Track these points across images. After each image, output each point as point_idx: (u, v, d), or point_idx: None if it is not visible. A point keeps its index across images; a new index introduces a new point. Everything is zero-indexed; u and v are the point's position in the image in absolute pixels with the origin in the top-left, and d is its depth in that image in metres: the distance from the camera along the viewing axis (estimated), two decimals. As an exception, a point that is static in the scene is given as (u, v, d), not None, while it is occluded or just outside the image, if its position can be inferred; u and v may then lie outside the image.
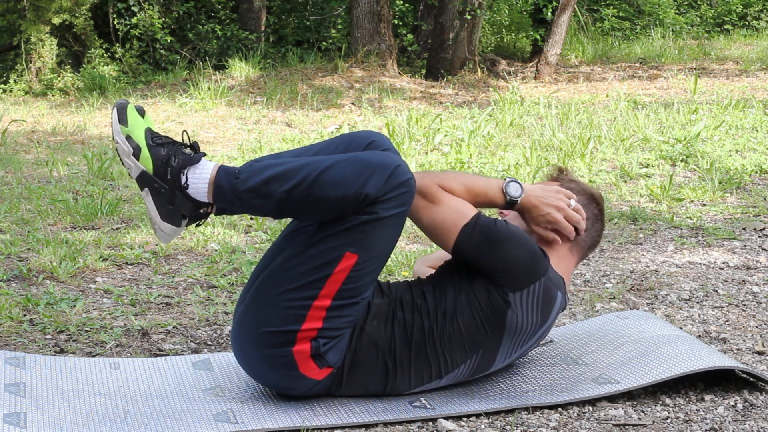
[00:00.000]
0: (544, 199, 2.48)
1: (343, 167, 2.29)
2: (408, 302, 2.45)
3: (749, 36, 14.34)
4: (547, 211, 2.47)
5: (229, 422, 2.30)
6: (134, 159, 2.33)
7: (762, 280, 3.70)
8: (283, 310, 2.33)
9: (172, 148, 2.36)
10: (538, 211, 2.47)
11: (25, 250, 3.98)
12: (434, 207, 2.39)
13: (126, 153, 2.34)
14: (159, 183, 2.34)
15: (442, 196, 2.40)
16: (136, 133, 2.34)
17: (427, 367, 2.44)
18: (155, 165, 2.34)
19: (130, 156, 2.34)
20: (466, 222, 2.38)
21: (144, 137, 2.34)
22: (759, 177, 5.64)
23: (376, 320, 2.42)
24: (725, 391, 2.57)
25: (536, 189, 2.50)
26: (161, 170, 2.34)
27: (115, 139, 2.35)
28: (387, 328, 2.42)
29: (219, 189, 2.34)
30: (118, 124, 2.34)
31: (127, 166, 2.36)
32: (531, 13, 12.85)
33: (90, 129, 8.15)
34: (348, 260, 2.31)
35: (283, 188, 2.30)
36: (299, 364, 2.35)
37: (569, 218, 2.50)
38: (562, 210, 2.48)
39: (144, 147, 2.34)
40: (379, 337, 2.41)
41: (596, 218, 2.61)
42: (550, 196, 2.49)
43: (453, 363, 2.45)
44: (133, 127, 2.34)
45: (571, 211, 2.51)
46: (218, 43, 12.34)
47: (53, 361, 2.66)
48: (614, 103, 8.40)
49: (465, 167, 5.90)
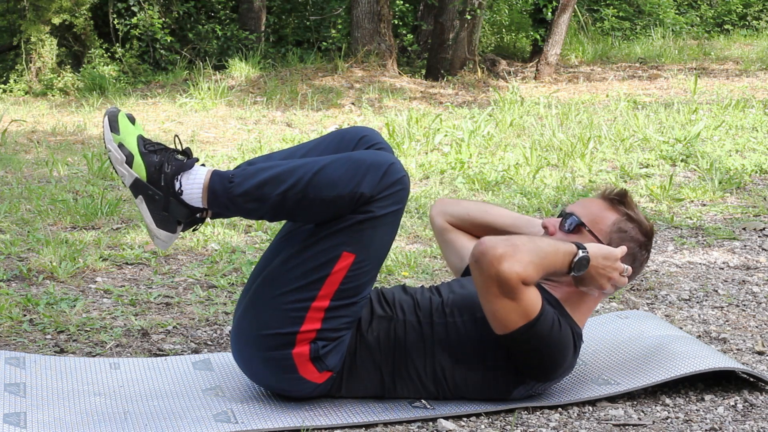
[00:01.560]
0: (602, 270, 2.37)
1: (337, 167, 2.29)
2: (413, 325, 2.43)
3: (749, 36, 14.34)
4: (602, 282, 2.39)
5: (229, 422, 2.30)
6: (127, 167, 2.33)
7: (762, 280, 3.70)
8: (282, 312, 2.33)
9: (164, 155, 2.36)
10: (593, 281, 2.39)
11: (25, 250, 3.97)
12: (507, 301, 2.28)
13: (119, 161, 2.34)
14: (153, 190, 2.34)
15: (520, 294, 2.26)
16: (128, 140, 2.34)
17: (425, 391, 2.45)
18: (148, 172, 2.33)
19: (123, 164, 2.33)
20: (527, 321, 2.30)
21: (136, 144, 2.34)
22: (759, 177, 5.64)
23: (377, 332, 2.41)
24: (725, 391, 2.57)
25: (598, 259, 2.36)
26: (155, 177, 2.33)
27: (108, 147, 2.34)
28: (388, 344, 2.41)
29: (213, 194, 2.33)
30: (109, 133, 2.34)
31: (120, 174, 2.36)
32: (531, 13, 12.84)
33: (90, 129, 8.15)
34: (345, 260, 2.31)
35: (277, 191, 2.30)
36: (299, 367, 2.35)
37: (617, 284, 2.42)
38: (613, 279, 2.40)
39: (137, 154, 2.33)
40: (378, 351, 2.41)
41: (642, 264, 2.53)
42: (608, 267, 2.37)
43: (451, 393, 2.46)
44: (125, 134, 2.34)
45: (621, 278, 2.41)
46: (218, 43, 12.33)
47: (53, 361, 2.66)
48: (614, 103, 8.40)
49: (465, 167, 5.90)
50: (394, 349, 2.41)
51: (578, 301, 2.47)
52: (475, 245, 2.29)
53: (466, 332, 2.41)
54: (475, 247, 2.28)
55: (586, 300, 2.48)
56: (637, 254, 2.48)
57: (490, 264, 2.23)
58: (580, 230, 2.47)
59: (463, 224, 2.78)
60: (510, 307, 2.28)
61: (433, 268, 3.80)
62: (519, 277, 2.24)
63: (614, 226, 2.47)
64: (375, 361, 2.41)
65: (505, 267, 2.23)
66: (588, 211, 2.49)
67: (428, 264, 3.87)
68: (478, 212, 2.75)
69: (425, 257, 3.98)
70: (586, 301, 2.48)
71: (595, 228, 2.47)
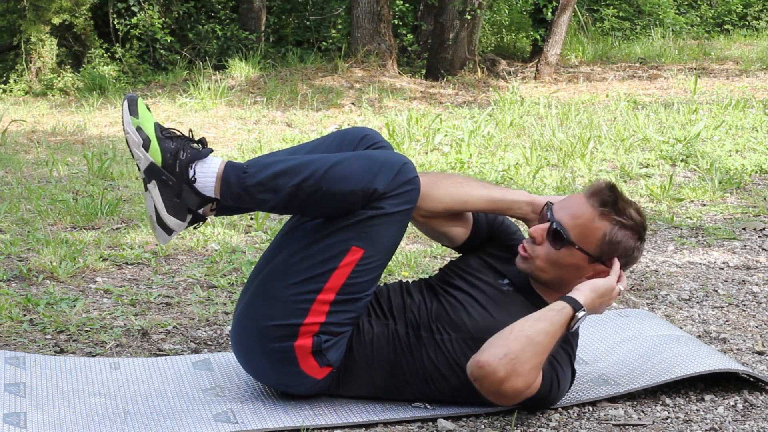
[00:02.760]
0: (599, 307, 2.38)
1: (352, 162, 2.31)
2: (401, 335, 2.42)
3: (749, 36, 14.34)
4: (600, 312, 2.41)
5: (229, 422, 2.30)
6: (144, 150, 2.34)
7: (762, 280, 3.70)
8: (287, 304, 2.33)
9: (180, 142, 2.37)
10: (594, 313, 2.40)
11: (25, 250, 3.97)
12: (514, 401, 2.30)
13: (136, 144, 2.34)
14: (167, 175, 2.34)
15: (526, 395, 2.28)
16: (146, 125, 2.35)
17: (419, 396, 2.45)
18: (164, 157, 2.34)
19: (140, 147, 2.34)
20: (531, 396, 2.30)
21: (153, 129, 2.35)
22: (759, 177, 5.64)
23: (371, 334, 2.41)
24: (725, 391, 2.57)
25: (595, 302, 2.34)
26: (170, 163, 2.34)
27: (126, 129, 2.35)
28: (381, 347, 2.41)
29: (227, 183, 2.34)
30: (128, 116, 2.35)
31: (136, 157, 2.36)
32: (531, 13, 12.84)
33: (90, 129, 8.15)
34: (354, 254, 2.32)
35: (292, 182, 2.31)
36: (300, 360, 2.35)
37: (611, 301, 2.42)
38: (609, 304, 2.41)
39: (153, 139, 2.34)
40: (371, 353, 2.41)
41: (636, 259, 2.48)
42: (605, 303, 2.38)
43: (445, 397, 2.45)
44: (143, 119, 2.35)
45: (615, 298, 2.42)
46: (218, 43, 12.34)
47: (53, 361, 2.66)
48: (614, 103, 8.40)
49: (465, 167, 5.90)
50: (387, 354, 2.41)
51: None
52: (473, 363, 2.25)
53: (453, 350, 2.39)
54: (472, 365, 2.24)
55: None
56: (630, 255, 2.43)
57: (491, 386, 2.23)
58: (569, 248, 2.38)
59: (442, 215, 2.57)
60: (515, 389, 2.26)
61: (433, 268, 3.80)
62: (523, 390, 2.24)
63: (605, 238, 2.37)
64: (369, 361, 2.41)
65: (508, 387, 2.22)
66: (576, 223, 2.37)
67: (428, 264, 3.87)
68: (457, 204, 2.53)
69: (425, 257, 3.98)
70: None
71: (584, 243, 2.37)
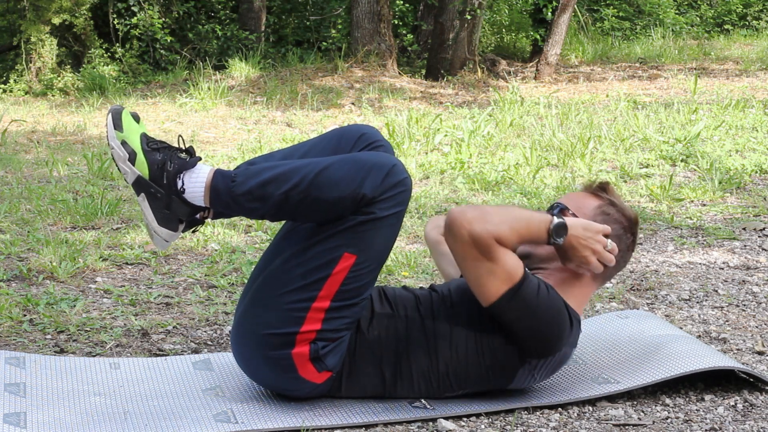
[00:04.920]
0: (584, 241, 2.40)
1: (340, 168, 2.29)
2: (415, 321, 2.43)
3: (749, 36, 14.34)
4: (585, 254, 2.41)
5: (229, 422, 2.30)
6: (130, 164, 2.34)
7: (762, 280, 3.70)
8: (282, 312, 2.33)
9: (167, 153, 2.36)
10: (576, 252, 2.40)
11: (25, 250, 3.98)
12: (485, 262, 2.29)
13: (122, 158, 2.34)
14: (155, 188, 2.34)
15: (496, 253, 2.28)
16: (132, 138, 2.34)
17: (427, 387, 2.44)
18: (151, 170, 2.34)
19: (126, 161, 2.34)
20: (511, 286, 2.31)
21: (139, 142, 2.35)
22: (759, 177, 5.64)
23: (378, 330, 2.41)
24: (725, 391, 2.57)
25: (578, 228, 2.40)
26: (157, 175, 2.34)
27: (111, 144, 2.35)
28: (389, 341, 2.41)
29: (215, 192, 2.34)
30: (113, 130, 2.34)
31: (122, 171, 2.36)
32: (531, 13, 12.84)
33: (90, 129, 8.15)
34: (346, 261, 2.31)
35: (280, 190, 2.30)
36: (298, 367, 2.35)
37: (602, 259, 2.43)
38: (597, 253, 2.42)
39: (140, 152, 2.34)
40: (379, 349, 2.41)
41: (628, 248, 2.56)
42: (590, 238, 2.41)
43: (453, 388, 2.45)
44: (129, 132, 2.34)
45: (606, 253, 2.43)
46: (218, 43, 12.33)
47: (53, 361, 2.66)
48: (614, 103, 8.40)
49: (465, 167, 5.90)
50: (396, 347, 2.41)
51: (572, 286, 2.49)
52: (446, 216, 2.34)
53: (469, 320, 2.40)
54: (446, 219, 2.33)
55: (580, 285, 2.50)
56: (621, 236, 2.52)
57: (461, 227, 2.28)
58: (565, 214, 2.51)
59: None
60: (490, 270, 2.29)
61: (433, 268, 3.80)
62: (491, 234, 2.27)
63: (597, 210, 2.54)
64: (376, 360, 2.41)
65: (477, 227, 2.27)
66: (572, 200, 2.58)
67: (428, 264, 3.87)
68: None
69: (425, 257, 3.98)
70: (580, 285, 2.50)
71: (579, 212, 2.53)
